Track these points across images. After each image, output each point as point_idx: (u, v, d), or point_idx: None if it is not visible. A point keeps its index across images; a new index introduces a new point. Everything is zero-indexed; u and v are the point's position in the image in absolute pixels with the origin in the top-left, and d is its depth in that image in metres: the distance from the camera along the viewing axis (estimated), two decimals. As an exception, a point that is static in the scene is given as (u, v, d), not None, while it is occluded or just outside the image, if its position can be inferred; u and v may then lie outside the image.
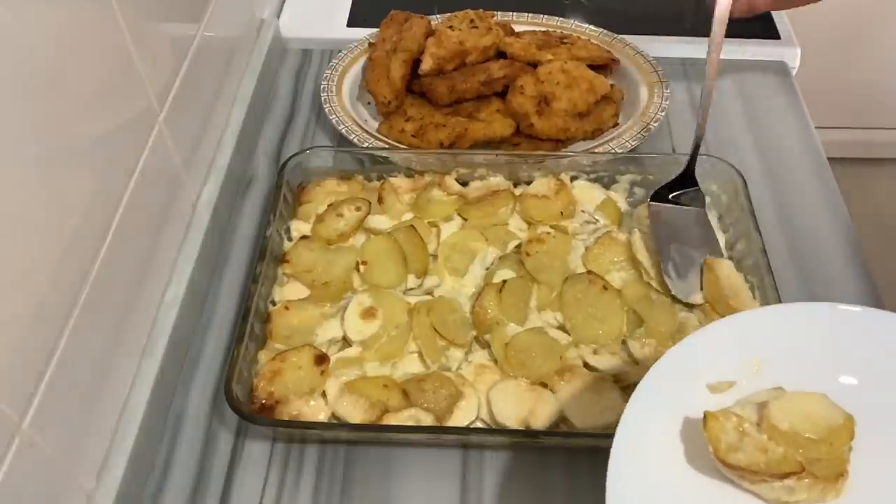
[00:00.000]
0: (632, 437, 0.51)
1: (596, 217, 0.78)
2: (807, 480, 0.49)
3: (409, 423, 0.62)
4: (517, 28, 0.97)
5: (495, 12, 0.96)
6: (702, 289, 0.70)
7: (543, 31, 0.96)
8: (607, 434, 0.50)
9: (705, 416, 0.51)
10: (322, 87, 0.90)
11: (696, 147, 0.76)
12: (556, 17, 0.99)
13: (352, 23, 1.06)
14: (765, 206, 0.82)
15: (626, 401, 0.52)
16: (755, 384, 0.54)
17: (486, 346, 0.68)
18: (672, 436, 0.52)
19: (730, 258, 0.73)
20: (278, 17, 1.05)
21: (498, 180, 0.80)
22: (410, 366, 0.67)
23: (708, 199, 0.77)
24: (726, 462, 0.50)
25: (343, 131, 0.85)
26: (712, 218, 0.76)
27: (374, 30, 0.96)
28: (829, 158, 0.90)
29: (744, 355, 0.55)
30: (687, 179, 0.77)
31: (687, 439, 0.52)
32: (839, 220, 0.82)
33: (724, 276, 0.70)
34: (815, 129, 0.93)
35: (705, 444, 0.50)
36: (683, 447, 0.52)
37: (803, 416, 0.52)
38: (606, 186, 0.81)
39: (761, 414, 0.52)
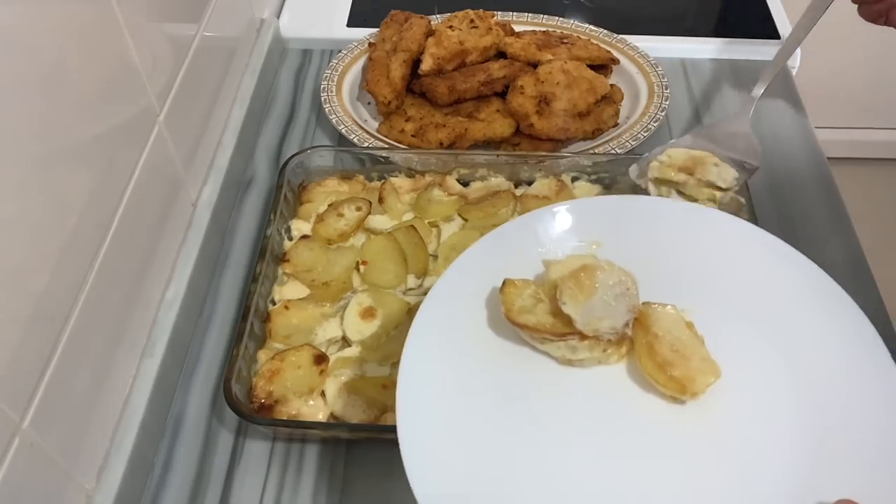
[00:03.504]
0: (444, 295, 0.56)
1: (596, 217, 0.78)
2: (587, 342, 0.53)
3: (409, 423, 0.62)
4: (517, 28, 0.97)
5: (495, 12, 0.96)
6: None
7: (543, 31, 0.96)
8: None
9: (504, 282, 0.56)
10: (322, 87, 0.90)
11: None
12: (556, 17, 0.99)
13: (352, 23, 1.06)
14: (765, 205, 0.82)
15: None
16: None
17: (485, 345, 0.68)
18: (478, 303, 0.57)
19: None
20: (278, 17, 1.05)
21: (499, 181, 0.80)
22: (410, 366, 0.67)
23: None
24: (515, 322, 0.54)
25: (343, 131, 0.85)
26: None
27: (374, 30, 0.96)
28: (829, 158, 0.90)
29: (582, 237, 0.60)
30: None
31: (491, 306, 0.56)
32: (839, 220, 0.82)
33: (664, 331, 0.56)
34: (815, 129, 0.93)
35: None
36: (486, 313, 0.56)
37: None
38: (607, 187, 0.81)
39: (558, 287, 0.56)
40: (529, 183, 0.80)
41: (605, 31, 0.97)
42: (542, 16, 1.00)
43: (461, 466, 0.49)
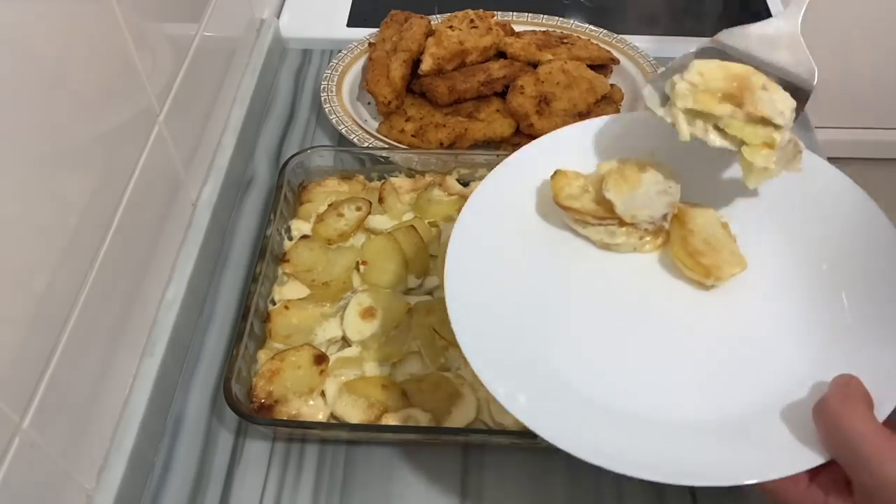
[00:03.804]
0: (502, 177, 0.62)
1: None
2: (625, 228, 0.59)
3: (408, 423, 0.62)
4: (517, 28, 0.97)
5: (495, 12, 0.96)
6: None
7: (543, 31, 0.96)
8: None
9: (556, 171, 0.61)
10: (322, 87, 0.90)
11: None
12: (556, 17, 0.99)
13: (352, 23, 1.06)
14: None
15: None
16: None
17: (485, 345, 0.68)
18: (530, 191, 0.63)
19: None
20: (278, 17, 1.05)
21: (498, 180, 0.81)
22: (410, 366, 0.67)
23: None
24: (562, 205, 0.60)
25: (343, 131, 0.85)
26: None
27: (374, 30, 0.96)
28: (829, 158, 0.90)
29: (639, 148, 0.62)
30: None
31: (541, 194, 0.62)
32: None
33: (700, 228, 0.60)
34: (815, 129, 0.93)
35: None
36: (536, 200, 0.63)
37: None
38: (606, 186, 0.81)
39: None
40: (529, 183, 0.80)
41: (605, 31, 0.97)
42: (542, 16, 1.00)
43: (501, 324, 0.54)
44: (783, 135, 0.54)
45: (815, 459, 0.46)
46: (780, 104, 0.54)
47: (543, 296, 0.58)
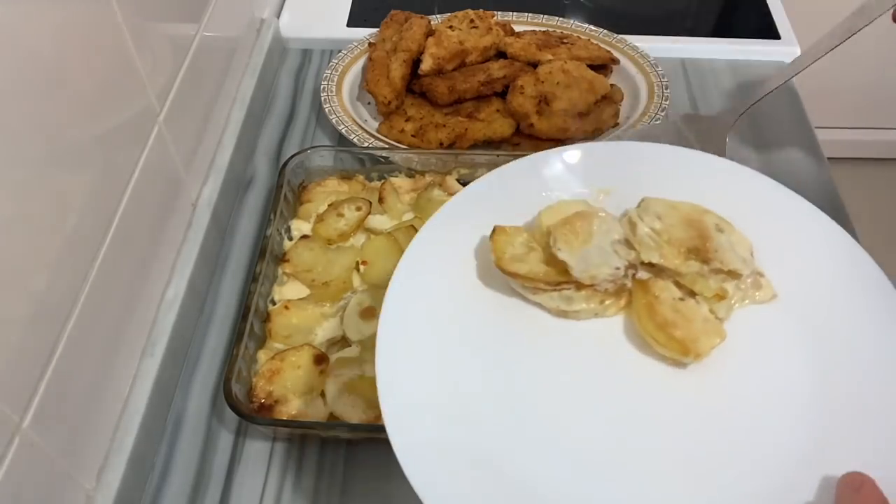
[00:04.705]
0: (434, 238, 0.52)
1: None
2: (583, 292, 0.50)
3: (409, 423, 0.62)
4: (517, 28, 0.97)
5: (495, 12, 0.96)
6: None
7: (543, 31, 0.96)
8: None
9: (494, 229, 0.52)
10: (322, 87, 0.90)
11: None
12: (556, 17, 0.99)
13: (352, 23, 1.06)
14: (765, 206, 0.82)
15: None
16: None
17: (485, 345, 0.68)
18: (471, 250, 0.53)
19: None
20: (278, 17, 1.05)
21: (498, 180, 0.80)
22: (410, 366, 0.67)
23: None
24: (506, 270, 0.51)
25: (343, 131, 0.85)
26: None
27: (374, 30, 0.96)
28: (829, 158, 0.90)
29: (590, 183, 0.56)
30: None
31: (481, 255, 0.53)
32: (839, 220, 0.82)
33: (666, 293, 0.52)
34: (815, 129, 0.93)
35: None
36: (477, 262, 0.53)
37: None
38: (606, 186, 0.80)
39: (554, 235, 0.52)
40: (529, 183, 0.80)
41: (605, 31, 0.97)
42: (542, 16, 1.00)
43: (442, 411, 0.46)
44: (743, 279, 0.52)
45: None
46: (740, 248, 0.52)
47: (491, 373, 0.49)
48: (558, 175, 0.56)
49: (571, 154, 0.57)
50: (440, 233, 0.53)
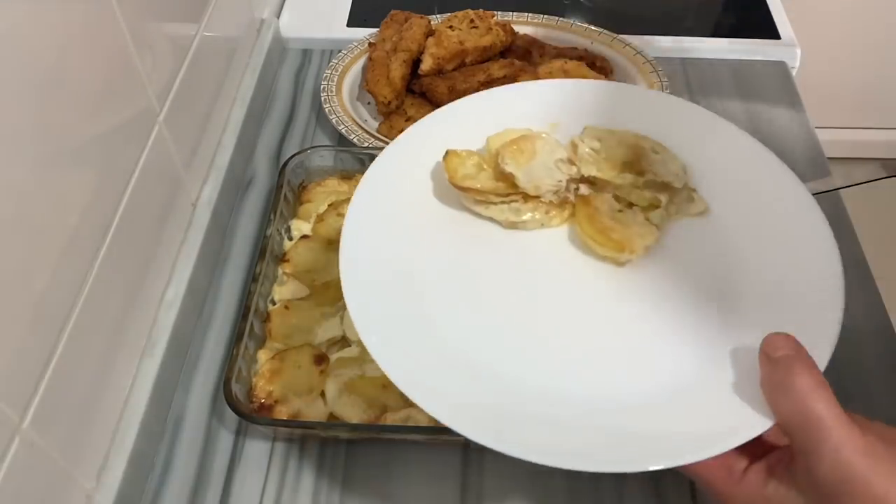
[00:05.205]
0: (391, 163, 0.58)
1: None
2: (530, 203, 0.57)
3: (408, 423, 0.62)
4: (517, 28, 0.97)
5: (495, 12, 0.96)
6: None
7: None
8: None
9: (446, 152, 0.58)
10: (322, 87, 0.90)
11: None
12: (556, 17, 0.99)
13: (352, 23, 1.06)
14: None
15: None
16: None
17: (485, 345, 0.68)
18: (423, 174, 0.59)
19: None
20: (278, 17, 1.05)
21: (498, 180, 0.81)
22: (410, 366, 0.67)
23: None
24: (459, 186, 0.57)
25: (343, 131, 0.85)
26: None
27: (374, 30, 0.96)
28: (829, 158, 0.90)
29: (540, 118, 0.61)
30: None
31: (436, 177, 0.59)
32: (839, 220, 0.82)
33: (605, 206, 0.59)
34: (815, 129, 0.93)
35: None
36: (433, 184, 0.59)
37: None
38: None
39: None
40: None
41: (606, 31, 0.97)
42: (541, 16, 1.00)
43: (405, 316, 0.51)
44: (677, 193, 0.58)
45: (745, 435, 0.43)
46: (672, 165, 0.59)
47: (449, 282, 0.54)
48: (509, 109, 0.62)
49: (520, 90, 0.64)
50: (394, 160, 0.58)
